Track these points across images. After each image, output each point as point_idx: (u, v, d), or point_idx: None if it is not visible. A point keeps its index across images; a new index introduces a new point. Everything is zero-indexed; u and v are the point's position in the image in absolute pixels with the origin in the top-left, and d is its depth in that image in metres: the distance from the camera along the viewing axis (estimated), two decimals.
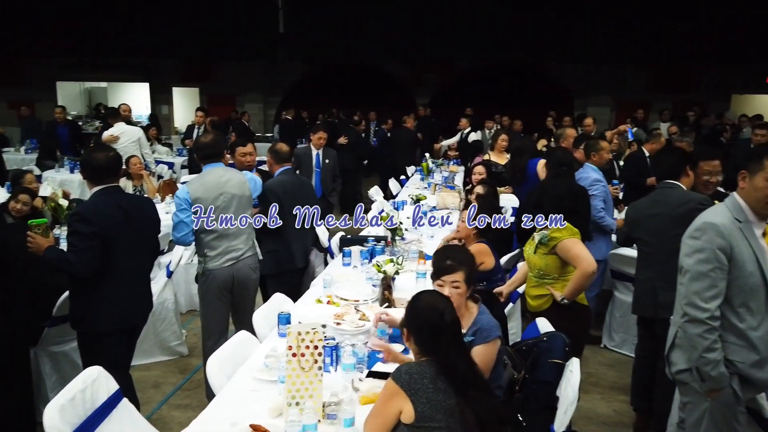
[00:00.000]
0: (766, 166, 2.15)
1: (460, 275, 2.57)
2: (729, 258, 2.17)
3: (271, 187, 4.24)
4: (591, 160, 4.59)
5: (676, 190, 3.25)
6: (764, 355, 2.21)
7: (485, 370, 2.53)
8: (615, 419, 3.77)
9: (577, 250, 3.10)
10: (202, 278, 3.72)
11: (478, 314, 2.63)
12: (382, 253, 4.24)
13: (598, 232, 4.29)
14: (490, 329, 2.55)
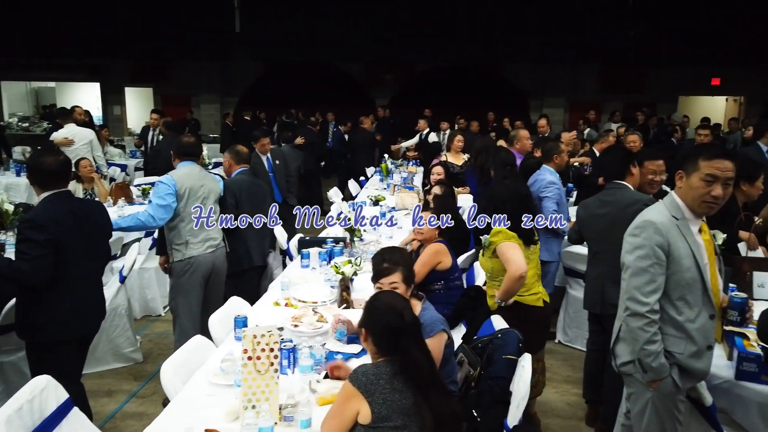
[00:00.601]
0: (701, 167, 2.26)
1: (397, 276, 2.63)
2: (667, 254, 2.27)
3: (228, 186, 4.28)
4: (552, 163, 4.65)
5: (623, 190, 3.37)
6: (701, 346, 2.32)
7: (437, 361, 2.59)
8: (568, 412, 3.89)
9: (509, 254, 3.15)
10: (184, 267, 3.82)
11: (421, 310, 2.69)
12: (340, 254, 4.26)
13: (550, 233, 4.40)
14: (434, 323, 2.61)
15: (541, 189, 4.42)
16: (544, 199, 4.38)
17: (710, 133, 6.74)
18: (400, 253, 2.82)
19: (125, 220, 3.75)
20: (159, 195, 3.70)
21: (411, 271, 2.76)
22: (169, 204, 3.70)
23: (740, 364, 2.58)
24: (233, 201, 4.25)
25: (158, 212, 3.67)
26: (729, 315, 2.44)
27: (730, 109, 16.05)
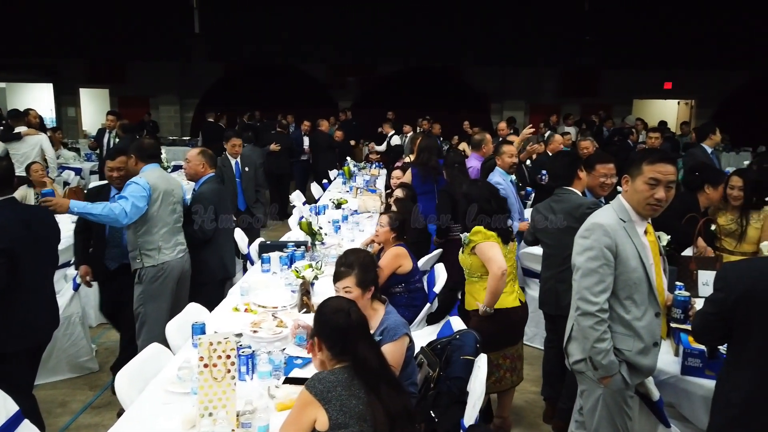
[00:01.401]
0: (644, 171, 2.36)
1: (350, 281, 2.65)
2: (615, 255, 2.36)
3: (207, 196, 4.16)
4: (498, 164, 4.76)
5: (570, 195, 3.48)
6: (648, 343, 2.42)
7: (395, 367, 2.61)
8: (527, 409, 3.98)
9: (490, 254, 3.23)
10: (157, 272, 3.74)
11: (385, 314, 2.72)
12: (302, 258, 4.25)
13: None
14: (397, 327, 2.63)
15: None
16: None
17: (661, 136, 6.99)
18: (357, 256, 2.80)
19: (96, 207, 3.51)
20: (135, 195, 3.57)
21: (368, 274, 2.72)
22: (141, 207, 3.61)
23: (685, 359, 2.69)
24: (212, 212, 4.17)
25: (132, 212, 3.55)
26: (673, 313, 2.55)
27: (682, 112, 16.65)
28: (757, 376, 2.03)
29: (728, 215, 3.84)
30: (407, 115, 12.15)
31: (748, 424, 2.05)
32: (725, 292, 2.07)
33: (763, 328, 2.01)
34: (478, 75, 15.05)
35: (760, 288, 2.00)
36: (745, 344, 2.06)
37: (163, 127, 14.27)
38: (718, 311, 2.09)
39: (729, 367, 2.15)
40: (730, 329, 2.08)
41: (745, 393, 2.05)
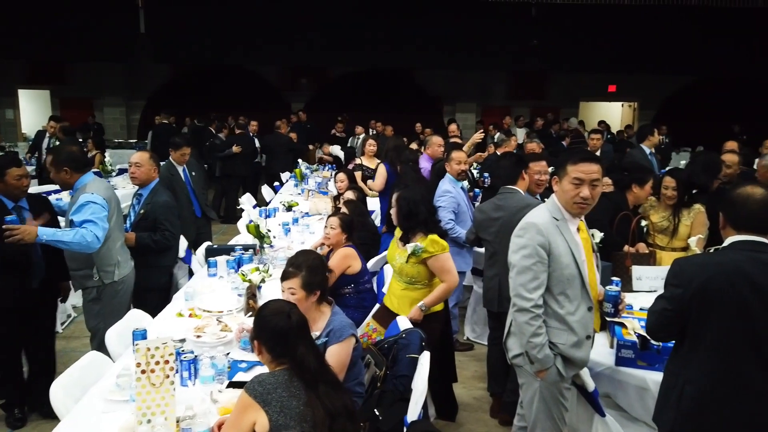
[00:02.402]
0: (569, 171, 2.47)
1: (295, 282, 2.65)
2: (548, 252, 2.45)
3: (170, 203, 4.13)
4: (447, 171, 4.77)
5: (514, 195, 3.58)
6: (581, 337, 2.51)
7: (342, 367, 2.63)
8: (475, 405, 4.06)
9: (448, 265, 3.27)
10: (117, 287, 3.63)
11: (331, 315, 2.73)
12: (250, 261, 4.21)
13: (455, 243, 4.52)
14: (343, 328, 2.65)
15: (437, 198, 4.57)
16: (439, 209, 4.51)
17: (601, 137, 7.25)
18: (306, 258, 2.79)
19: (66, 234, 3.27)
20: (99, 217, 3.35)
21: (315, 277, 2.71)
22: (107, 228, 3.40)
23: (619, 351, 2.82)
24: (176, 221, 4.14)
25: (102, 235, 3.34)
26: (605, 307, 2.66)
27: (626, 114, 17.29)
28: (712, 370, 2.11)
29: (661, 213, 4.02)
30: (360, 117, 12.19)
31: (703, 417, 2.12)
32: (682, 287, 2.13)
33: (717, 322, 2.09)
34: (430, 78, 15.22)
35: (715, 282, 2.07)
36: (699, 338, 2.13)
37: (108, 130, 13.84)
38: (675, 307, 2.15)
39: (681, 362, 2.20)
40: (685, 324, 2.15)
41: (700, 387, 2.12)
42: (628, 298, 3.44)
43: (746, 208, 2.13)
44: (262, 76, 14.98)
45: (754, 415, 2.10)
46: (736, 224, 2.17)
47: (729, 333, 2.08)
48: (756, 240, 2.12)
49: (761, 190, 2.15)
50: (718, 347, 2.10)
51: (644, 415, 2.76)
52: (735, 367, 2.09)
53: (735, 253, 2.12)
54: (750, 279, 2.04)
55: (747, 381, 2.09)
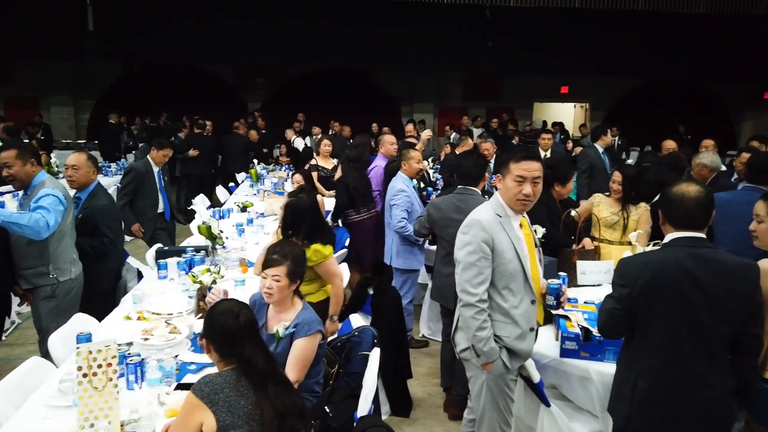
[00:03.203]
0: (511, 169, 2.54)
1: (282, 269, 2.66)
2: (492, 248, 2.52)
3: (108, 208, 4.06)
4: (402, 169, 4.83)
5: (474, 196, 3.64)
6: (525, 329, 2.59)
7: (306, 362, 2.66)
8: (429, 401, 4.12)
9: (333, 269, 3.39)
10: (72, 285, 3.61)
11: (302, 309, 2.76)
12: (201, 263, 4.16)
13: (407, 242, 4.62)
14: (312, 323, 2.68)
15: (391, 197, 4.64)
16: (393, 207, 4.58)
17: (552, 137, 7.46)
18: (292, 248, 2.82)
19: (22, 216, 3.25)
20: (54, 208, 3.37)
21: (299, 267, 2.76)
22: (58, 222, 3.42)
23: (563, 343, 2.91)
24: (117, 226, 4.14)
25: (53, 225, 3.34)
26: (547, 300, 2.74)
27: (578, 114, 17.79)
28: (662, 363, 2.19)
29: (610, 208, 4.15)
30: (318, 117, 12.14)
31: (656, 409, 2.20)
32: (629, 286, 2.19)
33: (663, 317, 2.17)
34: (388, 78, 15.29)
35: (658, 279, 2.16)
36: (648, 333, 2.21)
37: (56, 130, 13.36)
38: (624, 306, 2.21)
39: (631, 357, 2.27)
40: (634, 321, 2.22)
41: (651, 380, 2.20)
42: (574, 292, 3.58)
43: (682, 205, 2.21)
44: (218, 75, 14.76)
45: (704, 405, 2.19)
46: (674, 221, 2.25)
47: (675, 326, 2.17)
48: (693, 236, 2.21)
49: (696, 188, 2.24)
50: (666, 341, 2.18)
51: (588, 404, 2.87)
52: (683, 360, 2.17)
53: (675, 250, 2.20)
54: (690, 273, 2.13)
55: (695, 372, 2.17)
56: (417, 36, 12.90)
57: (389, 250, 4.77)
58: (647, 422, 2.23)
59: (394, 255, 4.70)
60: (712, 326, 2.14)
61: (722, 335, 2.18)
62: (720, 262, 2.16)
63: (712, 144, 6.26)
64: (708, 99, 16.24)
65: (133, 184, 5.38)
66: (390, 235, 4.79)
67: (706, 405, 2.19)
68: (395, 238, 4.69)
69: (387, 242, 4.84)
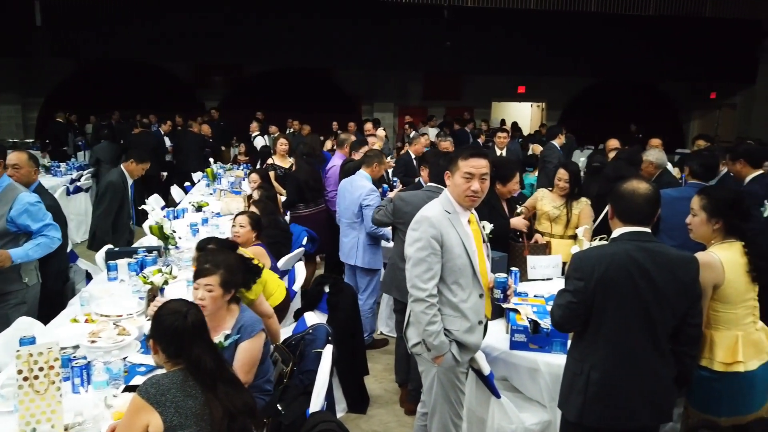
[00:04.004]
0: (460, 166, 2.60)
1: (215, 279, 2.60)
2: (441, 244, 2.57)
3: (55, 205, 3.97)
4: (370, 170, 4.82)
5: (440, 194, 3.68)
6: (473, 322, 2.65)
7: (254, 363, 2.64)
8: (385, 397, 4.16)
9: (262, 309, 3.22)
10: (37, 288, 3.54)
11: (240, 312, 2.73)
12: (154, 263, 4.08)
13: (373, 241, 4.66)
14: (254, 324, 2.67)
15: (363, 197, 4.61)
16: (365, 208, 4.58)
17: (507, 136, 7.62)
18: (226, 256, 2.75)
19: (33, 249, 3.32)
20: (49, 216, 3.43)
21: (234, 276, 2.69)
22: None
23: (512, 335, 2.99)
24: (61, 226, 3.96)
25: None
26: (495, 293, 2.80)
27: (535, 113, 18.16)
28: (614, 355, 2.26)
29: (554, 203, 4.27)
30: (277, 117, 12.04)
31: (608, 399, 2.27)
32: (584, 280, 2.24)
33: (616, 309, 2.23)
34: (348, 77, 15.28)
35: (611, 272, 2.22)
36: (601, 325, 2.27)
37: (3, 129, 12.88)
38: (580, 299, 2.25)
39: (585, 349, 2.32)
40: (589, 314, 2.28)
41: (603, 371, 2.26)
42: (524, 286, 3.68)
43: (633, 201, 2.30)
44: (174, 73, 14.47)
45: (653, 393, 2.28)
46: (623, 216, 2.33)
47: (626, 318, 2.24)
48: (640, 230, 2.30)
49: (645, 186, 2.33)
50: (618, 333, 2.25)
51: (536, 394, 2.95)
52: (633, 350, 2.25)
53: (625, 244, 2.28)
54: (640, 266, 2.21)
55: (644, 362, 2.26)
56: (376, 35, 12.94)
57: (354, 250, 4.75)
58: (600, 413, 2.28)
59: (361, 255, 4.70)
60: (659, 317, 2.23)
61: (667, 326, 2.27)
62: (665, 256, 2.26)
63: (659, 142, 6.51)
64: (658, 99, 16.82)
65: (116, 202, 5.10)
66: (353, 235, 4.76)
67: (653, 394, 2.28)
68: (362, 238, 4.69)
69: (350, 242, 4.79)
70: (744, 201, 2.59)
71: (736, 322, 2.48)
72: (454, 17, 13.13)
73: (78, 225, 7.98)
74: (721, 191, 2.64)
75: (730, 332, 2.48)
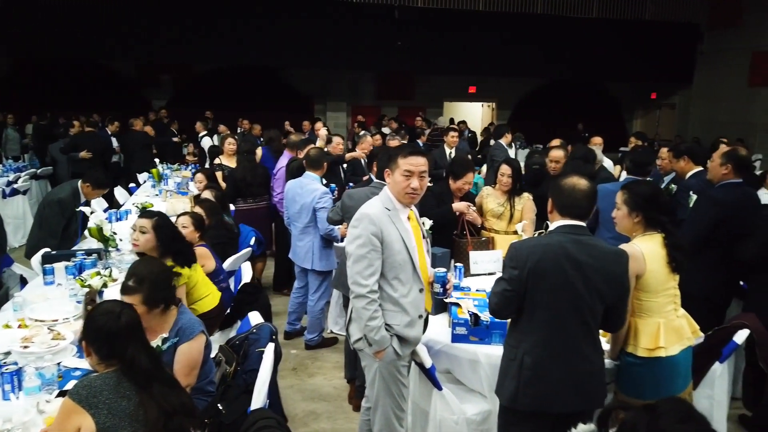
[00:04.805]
0: (400, 164, 2.65)
1: (136, 298, 2.50)
2: (381, 241, 2.61)
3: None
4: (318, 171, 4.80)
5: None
6: (413, 317, 2.70)
7: (194, 365, 2.61)
8: (334, 394, 4.18)
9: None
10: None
11: (178, 315, 2.69)
12: (93, 266, 3.98)
13: (326, 243, 4.67)
14: (192, 326, 2.64)
15: (316, 200, 4.59)
16: (319, 210, 4.57)
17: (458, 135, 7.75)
18: (151, 270, 2.63)
19: None
20: None
21: (159, 292, 2.58)
22: None
23: (454, 328, 3.06)
24: None
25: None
26: (435, 288, 2.87)
27: (486, 113, 18.49)
28: (546, 340, 2.35)
29: (497, 199, 4.38)
30: (227, 116, 11.87)
31: (540, 384, 2.36)
32: (519, 268, 2.33)
33: (548, 297, 2.33)
34: (301, 76, 15.19)
35: (544, 262, 2.31)
36: (534, 312, 2.36)
37: None
38: (515, 287, 2.34)
39: (519, 336, 2.42)
40: (523, 301, 2.37)
41: (536, 356, 2.36)
42: (467, 280, 3.77)
43: (572, 196, 2.41)
44: (120, 72, 14.06)
45: (582, 379, 2.38)
46: (563, 210, 2.44)
47: (557, 306, 2.34)
48: (575, 224, 2.41)
49: (585, 182, 2.45)
50: (551, 320, 2.35)
51: (477, 385, 3.03)
52: (564, 336, 2.36)
53: (560, 236, 2.39)
54: (572, 257, 2.32)
55: (574, 347, 2.36)
56: (328, 34, 12.91)
57: (309, 254, 4.71)
58: (532, 397, 2.38)
59: (317, 259, 4.68)
60: (588, 305, 2.34)
61: (596, 314, 2.39)
62: (597, 249, 2.37)
63: (600, 141, 6.78)
64: (603, 99, 17.41)
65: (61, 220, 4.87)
66: (308, 240, 4.71)
67: (583, 378, 2.39)
68: (316, 241, 4.66)
69: (305, 246, 4.74)
70: (661, 195, 2.73)
71: (657, 309, 2.62)
72: (405, 17, 13.24)
73: (15, 228, 7.67)
74: (641, 186, 2.78)
75: (653, 319, 2.61)
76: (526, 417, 2.43)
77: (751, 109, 13.91)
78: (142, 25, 11.83)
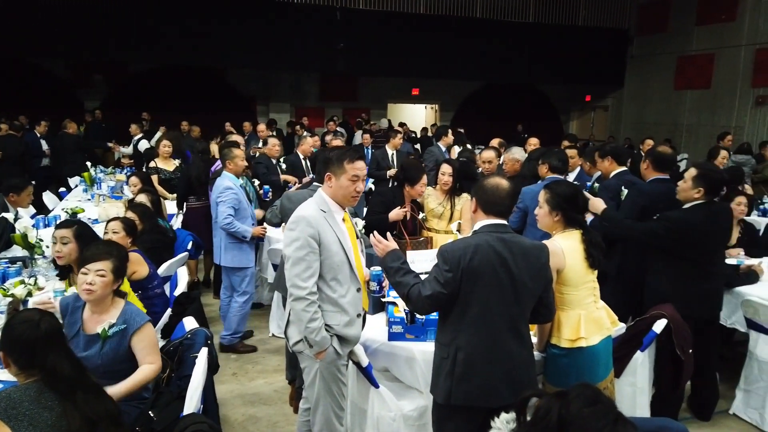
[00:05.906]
0: (347, 169, 2.69)
1: (107, 264, 2.63)
2: (318, 242, 2.64)
3: None
4: (227, 168, 4.76)
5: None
6: (352, 316, 2.74)
7: (155, 346, 2.72)
8: (275, 397, 4.16)
9: None
10: None
11: (125, 305, 2.73)
12: (18, 275, 3.81)
13: (235, 239, 4.65)
14: (140, 314, 2.71)
15: (217, 195, 4.63)
16: (219, 204, 4.57)
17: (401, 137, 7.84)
18: (118, 247, 2.85)
19: None
20: None
21: (123, 266, 2.77)
22: None
23: (390, 327, 3.10)
24: None
25: None
26: (371, 286, 2.92)
27: (429, 115, 18.76)
28: (477, 336, 2.41)
29: (437, 200, 4.47)
30: (166, 117, 11.54)
31: (473, 379, 2.42)
32: (453, 271, 2.36)
33: (479, 295, 2.39)
34: (243, 77, 14.96)
35: (475, 261, 2.37)
36: (466, 311, 2.41)
37: None
38: (450, 290, 2.37)
39: (452, 333, 2.46)
40: (454, 301, 2.41)
41: (467, 353, 2.41)
42: None
43: (495, 195, 2.49)
44: (49, 71, 13.44)
45: (511, 371, 2.46)
46: (486, 208, 2.52)
47: (488, 303, 2.41)
48: (499, 222, 2.50)
49: (506, 182, 2.55)
50: (481, 317, 2.42)
51: (414, 381, 3.08)
52: (493, 333, 2.43)
53: (485, 235, 2.46)
54: (499, 255, 2.40)
55: (502, 343, 2.44)
56: (270, 34, 12.78)
57: (218, 249, 4.79)
58: (465, 392, 2.44)
59: (222, 253, 4.73)
60: (516, 300, 2.44)
61: (524, 308, 2.48)
62: (519, 245, 2.47)
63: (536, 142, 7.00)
64: (540, 100, 17.99)
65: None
66: (218, 235, 4.78)
67: (512, 372, 2.47)
68: (223, 237, 4.69)
69: (216, 241, 4.85)
70: (580, 195, 2.88)
71: (578, 302, 2.75)
72: (347, 19, 13.27)
73: None
74: (561, 186, 2.92)
75: (574, 312, 2.75)
76: (459, 411, 2.50)
77: (678, 111, 14.73)
78: (73, 22, 11.35)
